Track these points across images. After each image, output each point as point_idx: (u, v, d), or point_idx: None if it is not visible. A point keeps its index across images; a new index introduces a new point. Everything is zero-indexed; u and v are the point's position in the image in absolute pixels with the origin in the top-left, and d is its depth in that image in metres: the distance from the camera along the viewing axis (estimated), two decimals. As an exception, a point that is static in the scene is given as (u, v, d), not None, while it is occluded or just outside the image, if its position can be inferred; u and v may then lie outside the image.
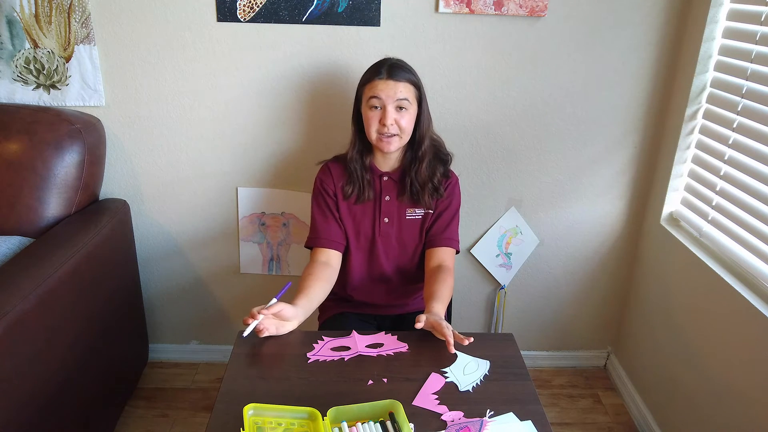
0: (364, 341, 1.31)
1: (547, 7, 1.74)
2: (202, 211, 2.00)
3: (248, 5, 1.71)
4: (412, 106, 1.45)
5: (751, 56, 1.54)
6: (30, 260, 1.44)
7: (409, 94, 1.44)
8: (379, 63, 1.47)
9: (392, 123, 1.42)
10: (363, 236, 1.56)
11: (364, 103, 1.46)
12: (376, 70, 1.45)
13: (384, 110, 1.42)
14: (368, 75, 1.47)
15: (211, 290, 2.13)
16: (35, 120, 1.68)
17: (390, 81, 1.42)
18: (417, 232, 1.57)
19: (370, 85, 1.44)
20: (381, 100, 1.42)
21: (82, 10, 1.71)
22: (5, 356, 1.24)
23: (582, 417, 2.05)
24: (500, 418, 1.12)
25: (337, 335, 1.33)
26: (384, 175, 1.53)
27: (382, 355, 1.26)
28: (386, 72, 1.43)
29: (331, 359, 1.25)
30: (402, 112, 1.43)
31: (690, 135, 1.81)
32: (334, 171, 1.55)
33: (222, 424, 1.08)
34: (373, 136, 1.46)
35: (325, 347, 1.29)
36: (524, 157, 1.95)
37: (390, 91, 1.41)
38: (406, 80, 1.44)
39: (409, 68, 1.48)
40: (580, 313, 2.21)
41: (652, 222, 1.99)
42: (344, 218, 1.55)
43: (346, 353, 1.27)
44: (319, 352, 1.27)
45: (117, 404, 1.90)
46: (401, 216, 1.55)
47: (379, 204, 1.54)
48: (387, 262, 1.58)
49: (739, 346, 1.52)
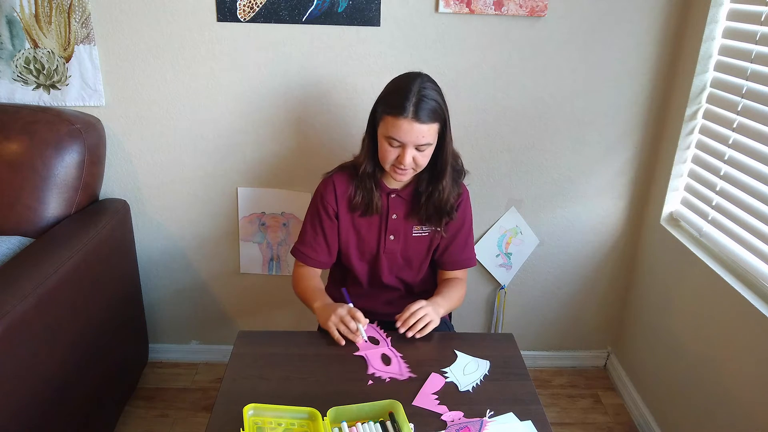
0: (380, 351, 1.29)
1: (547, 7, 1.74)
2: (202, 211, 2.00)
3: (248, 5, 1.71)
4: (434, 142, 1.35)
5: (751, 56, 1.54)
6: (30, 260, 1.44)
7: (433, 134, 1.33)
8: (405, 90, 1.30)
9: (410, 162, 1.33)
10: (367, 251, 1.52)
11: (381, 133, 1.35)
12: (401, 104, 1.28)
13: (403, 149, 1.32)
14: (392, 103, 1.31)
15: (211, 290, 2.13)
16: (35, 120, 1.68)
17: (415, 123, 1.28)
18: (424, 249, 1.52)
19: (393, 121, 1.29)
20: (401, 142, 1.31)
21: (82, 10, 1.71)
22: (5, 356, 1.23)
23: (582, 417, 2.05)
24: (500, 418, 1.12)
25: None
26: (392, 192, 1.46)
27: (393, 378, 1.22)
28: (413, 110, 1.28)
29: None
30: (422, 149, 1.33)
31: (690, 135, 1.81)
32: (338, 185, 1.46)
33: (222, 424, 1.08)
34: (387, 167, 1.37)
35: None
36: (524, 158, 1.95)
37: (413, 135, 1.29)
38: (433, 121, 1.30)
39: (436, 98, 1.32)
40: (580, 313, 2.21)
41: (652, 222, 1.99)
42: (346, 231, 1.50)
43: (370, 349, 1.29)
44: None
45: (117, 404, 1.90)
46: (408, 233, 1.49)
47: (386, 221, 1.48)
48: (390, 275, 1.55)
49: (739, 346, 1.52)
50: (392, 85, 1.38)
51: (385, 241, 1.49)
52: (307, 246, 1.51)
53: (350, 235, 1.51)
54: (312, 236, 1.50)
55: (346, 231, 1.50)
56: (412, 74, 1.36)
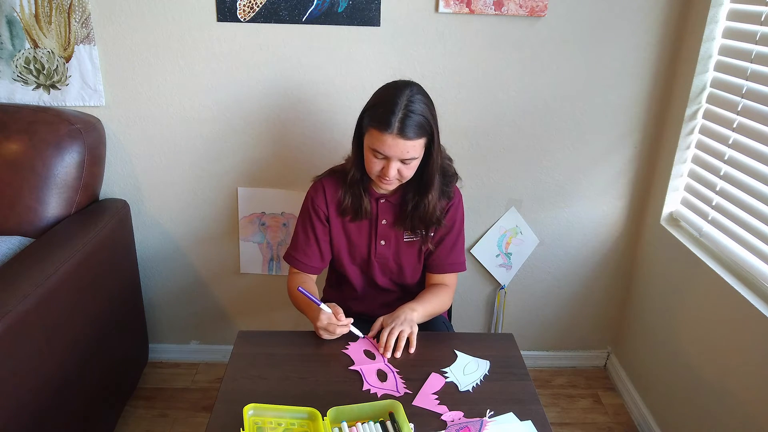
0: (375, 366, 1.27)
1: (547, 7, 1.74)
2: (202, 211, 2.00)
3: (248, 5, 1.71)
4: (420, 156, 1.32)
5: (751, 56, 1.54)
6: (30, 260, 1.44)
7: (419, 149, 1.30)
8: (392, 104, 1.26)
9: (394, 174, 1.31)
10: (358, 255, 1.51)
11: (366, 143, 1.33)
12: (386, 119, 1.25)
13: (388, 162, 1.30)
14: (377, 117, 1.27)
15: (211, 290, 2.13)
16: (35, 120, 1.68)
17: (399, 140, 1.25)
18: (415, 253, 1.51)
19: (378, 135, 1.27)
20: (386, 155, 1.29)
21: (82, 10, 1.71)
22: (5, 356, 1.23)
23: (582, 417, 2.05)
24: (500, 418, 1.12)
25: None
26: (381, 198, 1.45)
27: (386, 393, 1.19)
28: (398, 126, 1.24)
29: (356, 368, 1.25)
30: (407, 163, 1.31)
31: (690, 135, 1.81)
32: (328, 189, 1.45)
33: (222, 424, 1.08)
34: (373, 176, 1.36)
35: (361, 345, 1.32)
36: (524, 158, 1.95)
37: (398, 150, 1.27)
38: (419, 136, 1.27)
39: (424, 112, 1.28)
40: (580, 313, 2.21)
41: (652, 222, 1.99)
42: (337, 236, 1.49)
43: (365, 364, 1.26)
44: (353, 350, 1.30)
45: (117, 404, 1.90)
46: (399, 238, 1.48)
47: (376, 227, 1.47)
48: (384, 279, 1.55)
49: (739, 346, 1.52)
50: (379, 95, 1.34)
51: (375, 246, 1.49)
52: (299, 251, 1.50)
53: (341, 240, 1.50)
54: (304, 241, 1.49)
55: (338, 235, 1.49)
56: (401, 84, 1.31)
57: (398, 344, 1.29)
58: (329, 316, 1.31)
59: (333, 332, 1.30)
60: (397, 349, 1.28)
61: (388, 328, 1.31)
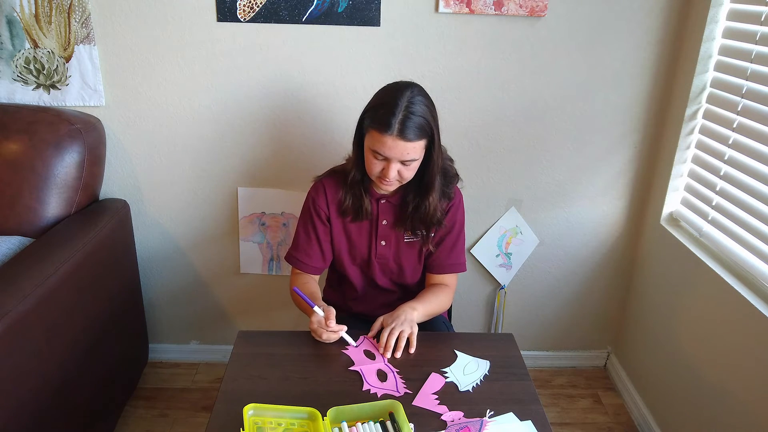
0: (375, 367, 1.26)
1: (547, 7, 1.74)
2: (202, 211, 2.00)
3: (248, 5, 1.71)
4: (421, 157, 1.33)
5: (751, 56, 1.54)
6: (30, 260, 1.44)
7: (419, 151, 1.30)
8: (392, 105, 1.26)
9: (395, 175, 1.32)
10: (359, 256, 1.51)
11: (367, 144, 1.33)
12: (386, 120, 1.25)
13: (388, 163, 1.30)
14: (378, 118, 1.27)
15: (211, 290, 2.13)
16: (35, 120, 1.68)
17: (400, 141, 1.26)
18: (416, 254, 1.51)
19: (378, 136, 1.27)
20: (386, 157, 1.29)
21: (82, 10, 1.71)
22: (5, 356, 1.23)
23: (582, 417, 2.05)
24: (500, 418, 1.12)
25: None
26: (382, 198, 1.45)
27: (386, 393, 1.18)
28: (398, 128, 1.25)
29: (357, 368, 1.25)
30: (407, 164, 1.31)
31: (690, 135, 1.81)
32: (328, 189, 1.45)
33: (222, 424, 1.08)
34: (373, 177, 1.36)
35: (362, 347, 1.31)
36: (524, 158, 1.95)
37: (398, 151, 1.27)
38: (419, 138, 1.28)
39: (424, 113, 1.28)
40: (580, 313, 2.21)
41: (652, 222, 1.99)
42: (338, 235, 1.49)
43: (365, 364, 1.26)
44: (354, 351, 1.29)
45: (117, 404, 1.90)
46: (399, 239, 1.48)
47: (376, 227, 1.47)
48: (384, 279, 1.54)
49: (739, 346, 1.52)
50: (380, 96, 1.33)
51: (376, 246, 1.49)
52: (301, 252, 1.50)
53: (342, 240, 1.50)
54: (306, 241, 1.49)
55: (338, 235, 1.49)
56: (402, 85, 1.31)
57: (398, 344, 1.29)
58: (319, 320, 1.30)
59: (320, 336, 1.30)
60: (397, 350, 1.28)
61: (388, 328, 1.31)
